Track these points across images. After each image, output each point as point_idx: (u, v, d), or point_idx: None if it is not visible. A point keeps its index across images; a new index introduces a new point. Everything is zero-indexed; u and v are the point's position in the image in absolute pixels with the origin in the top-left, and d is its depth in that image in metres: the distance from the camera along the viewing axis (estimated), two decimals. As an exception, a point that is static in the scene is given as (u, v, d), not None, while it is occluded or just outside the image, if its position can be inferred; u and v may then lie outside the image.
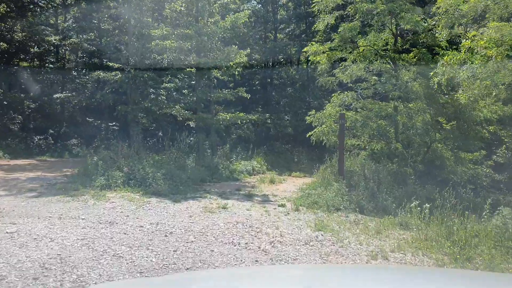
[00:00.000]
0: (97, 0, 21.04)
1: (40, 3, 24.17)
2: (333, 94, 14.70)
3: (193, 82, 16.84)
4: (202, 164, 15.85)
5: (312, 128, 14.38)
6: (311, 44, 13.82)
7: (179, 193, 11.40)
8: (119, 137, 22.20)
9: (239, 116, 17.68)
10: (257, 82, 28.96)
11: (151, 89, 17.20)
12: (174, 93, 18.05)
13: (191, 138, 17.25)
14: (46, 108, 25.99)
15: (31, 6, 22.61)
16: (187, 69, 16.37)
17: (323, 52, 14.30)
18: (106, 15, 23.03)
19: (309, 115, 14.53)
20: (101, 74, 17.19)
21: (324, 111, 14.40)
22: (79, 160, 19.57)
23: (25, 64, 25.05)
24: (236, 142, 24.35)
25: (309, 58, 15.27)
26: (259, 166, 18.69)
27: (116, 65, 17.39)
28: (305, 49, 14.01)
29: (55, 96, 22.17)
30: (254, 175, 17.57)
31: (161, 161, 14.43)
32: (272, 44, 28.09)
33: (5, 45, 20.83)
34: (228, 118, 16.45)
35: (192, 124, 17.46)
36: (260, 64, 29.28)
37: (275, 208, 9.72)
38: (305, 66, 31.43)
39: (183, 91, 17.80)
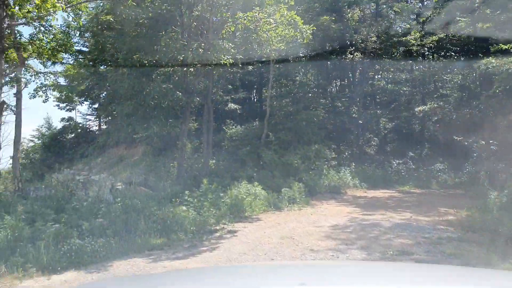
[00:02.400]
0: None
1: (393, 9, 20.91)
2: None
3: None
4: None
5: None
6: None
7: None
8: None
9: None
10: None
11: None
12: None
13: None
14: (403, 128, 22.25)
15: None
16: None
17: None
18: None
19: None
20: (492, 61, 11.20)
21: None
22: (454, 194, 14.14)
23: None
24: None
25: None
26: None
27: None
28: None
29: (417, 110, 17.74)
30: None
31: None
32: None
33: (360, 55, 18.29)
34: None
35: None
36: None
37: None
38: None
39: None
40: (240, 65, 13.33)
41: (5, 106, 11.54)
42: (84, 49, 27.51)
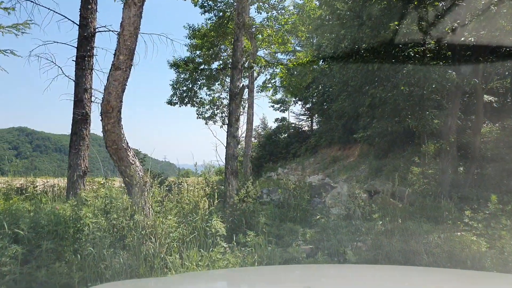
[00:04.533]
0: None
1: None
2: None
3: None
4: None
5: None
6: None
7: None
8: None
9: None
10: None
11: None
12: None
13: None
14: None
15: None
16: None
17: None
18: None
19: None
20: None
21: None
22: None
23: None
24: None
25: None
26: None
27: None
28: None
29: None
30: None
31: None
32: None
33: None
34: None
35: None
36: None
37: None
38: None
39: None
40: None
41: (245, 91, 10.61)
42: (299, 48, 26.85)
